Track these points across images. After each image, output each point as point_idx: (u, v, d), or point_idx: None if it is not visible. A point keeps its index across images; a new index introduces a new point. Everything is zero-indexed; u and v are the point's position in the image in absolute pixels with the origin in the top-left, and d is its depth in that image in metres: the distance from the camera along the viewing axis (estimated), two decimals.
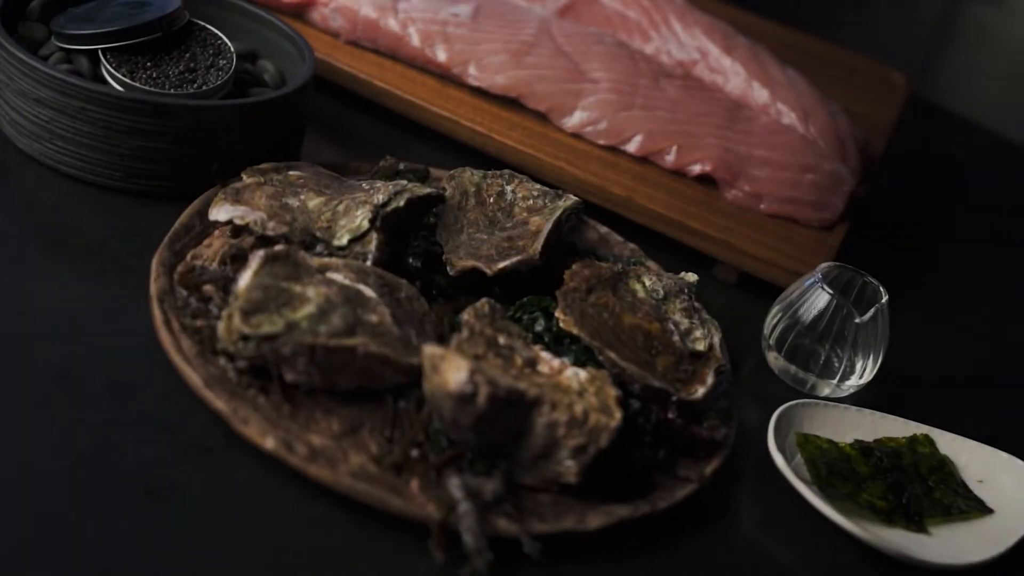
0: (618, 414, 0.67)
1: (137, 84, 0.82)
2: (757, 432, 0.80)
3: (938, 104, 1.46)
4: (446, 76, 1.04)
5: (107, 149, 0.80)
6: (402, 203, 0.79)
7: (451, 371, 0.64)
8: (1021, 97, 2.11)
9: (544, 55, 1.04)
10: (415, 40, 1.03)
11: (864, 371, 0.84)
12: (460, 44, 1.03)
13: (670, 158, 1.00)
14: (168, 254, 0.76)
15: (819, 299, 0.83)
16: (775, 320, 0.86)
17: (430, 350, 0.65)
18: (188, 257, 0.77)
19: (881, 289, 0.84)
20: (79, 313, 0.73)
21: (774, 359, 0.87)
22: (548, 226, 0.82)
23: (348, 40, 1.05)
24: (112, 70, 0.83)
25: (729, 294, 0.96)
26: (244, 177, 0.80)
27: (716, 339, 0.79)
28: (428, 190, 0.81)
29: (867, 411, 0.82)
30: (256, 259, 0.70)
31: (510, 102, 1.03)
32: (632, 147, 1.00)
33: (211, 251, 0.78)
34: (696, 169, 0.99)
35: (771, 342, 0.86)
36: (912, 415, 0.83)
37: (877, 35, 2.00)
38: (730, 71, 1.09)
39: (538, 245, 0.80)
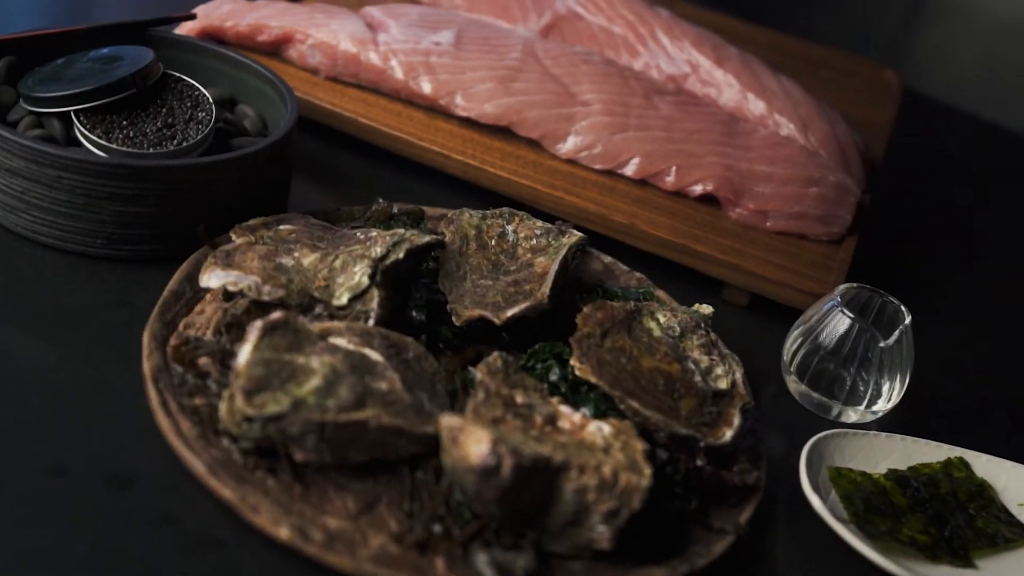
0: (648, 471, 0.63)
1: (114, 145, 0.77)
2: (786, 466, 0.76)
3: (916, 89, 1.42)
4: (433, 108, 0.99)
5: (87, 217, 0.75)
6: (401, 255, 0.74)
7: (472, 444, 0.59)
8: (1000, 77, 2.07)
9: (532, 79, 1.00)
10: (398, 72, 0.98)
11: (892, 395, 0.80)
12: (445, 74, 0.99)
13: (670, 179, 0.96)
14: (159, 326, 0.71)
15: (840, 323, 0.79)
16: (795, 345, 0.82)
17: (447, 421, 0.61)
18: (180, 326, 0.72)
19: (903, 309, 0.81)
20: (69, 397, 0.68)
21: (795, 385, 0.83)
22: (555, 267, 0.77)
23: (328, 76, 1.00)
24: (86, 132, 0.78)
25: (741, 317, 0.92)
26: (234, 237, 0.76)
27: (738, 375, 0.75)
28: (427, 238, 0.76)
29: (897, 437, 0.78)
30: (254, 331, 0.65)
31: (501, 131, 0.98)
32: (630, 170, 0.96)
33: (204, 318, 0.73)
34: (698, 189, 0.95)
35: (792, 369, 0.82)
36: (942, 437, 0.79)
37: (850, 21, 1.97)
38: (723, 83, 1.05)
39: (546, 289, 0.76)
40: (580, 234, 0.81)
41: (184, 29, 0.99)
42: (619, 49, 1.09)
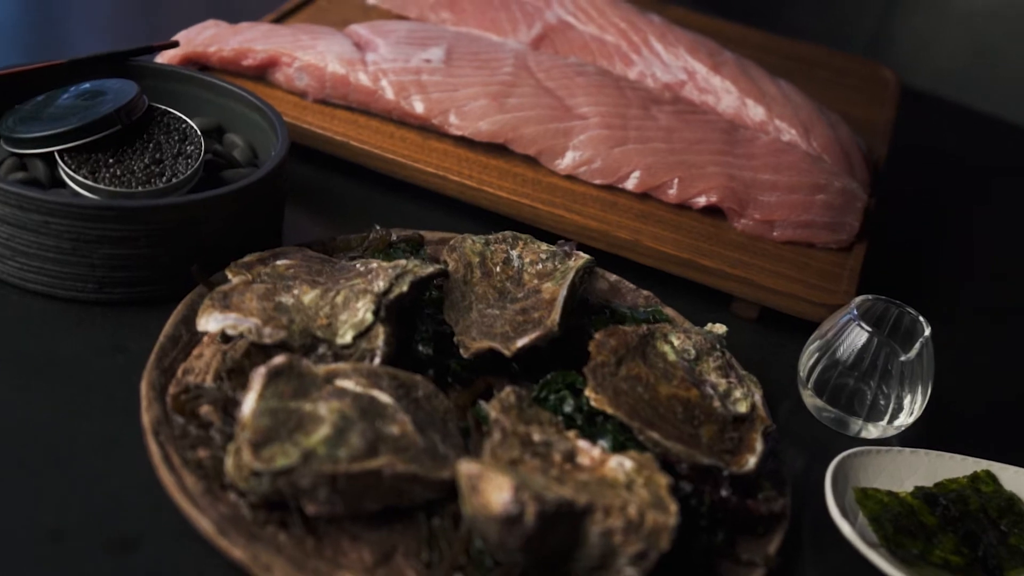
0: (674, 508, 0.60)
1: (101, 185, 0.74)
2: (809, 487, 0.74)
3: (901, 82, 1.40)
4: (425, 127, 0.96)
5: (76, 261, 0.72)
6: (405, 287, 0.71)
7: (493, 491, 0.56)
8: (983, 63, 2.05)
9: (526, 94, 0.97)
10: (389, 93, 0.95)
11: (914, 408, 0.78)
12: (437, 92, 0.96)
13: (672, 192, 0.93)
14: (157, 374, 0.68)
15: (858, 337, 0.77)
16: (811, 361, 0.79)
17: (466, 468, 0.58)
18: (179, 373, 0.69)
19: (921, 320, 0.78)
20: (65, 454, 0.65)
21: (813, 401, 0.80)
22: (563, 293, 0.75)
23: (316, 99, 0.97)
24: (71, 172, 0.74)
25: (751, 331, 0.89)
26: (230, 276, 0.72)
27: (757, 397, 0.72)
28: (430, 269, 0.73)
29: (921, 452, 0.76)
30: (258, 379, 0.62)
31: (497, 148, 0.95)
32: (631, 184, 0.93)
33: (203, 363, 0.70)
34: (701, 201, 0.92)
35: (810, 385, 0.80)
36: (967, 449, 0.77)
37: (829, 15, 1.94)
38: (721, 90, 1.02)
39: (555, 316, 0.73)
40: (586, 256, 0.78)
41: (165, 57, 0.96)
42: (612, 58, 1.06)
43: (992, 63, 1.98)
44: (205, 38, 0.97)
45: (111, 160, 0.76)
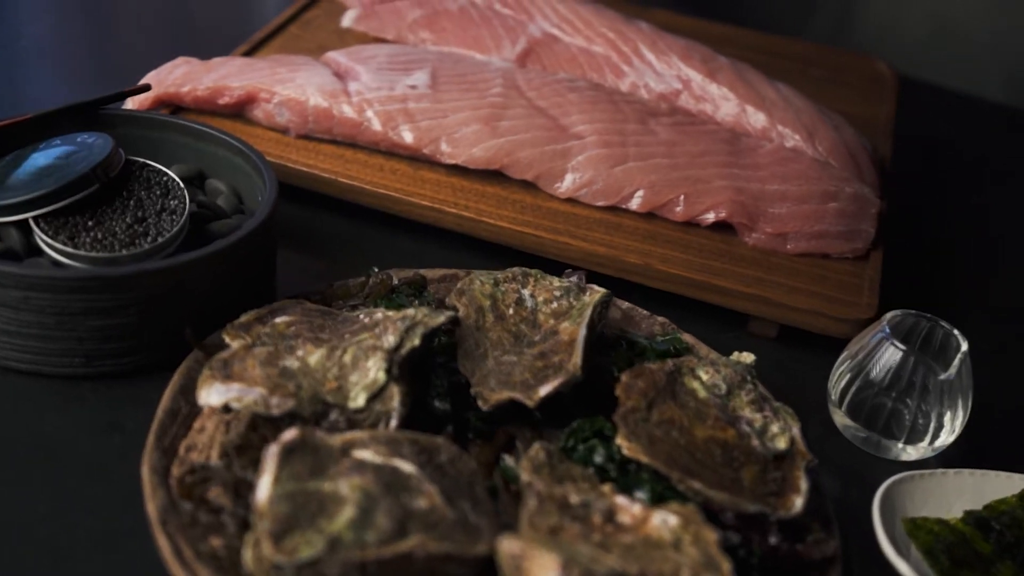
0: (727, 566, 0.56)
1: (81, 251, 0.69)
2: (852, 516, 0.70)
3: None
4: (416, 158, 0.91)
5: (62, 336, 0.67)
6: (417, 341, 0.67)
7: (539, 572, 0.52)
8: (950, 46, 2.01)
9: (519, 116, 0.92)
10: (375, 124, 0.90)
11: (955, 427, 0.74)
12: (425, 120, 0.91)
13: (679, 210, 0.88)
14: (158, 455, 0.63)
15: (892, 356, 0.73)
16: (843, 382, 0.75)
17: (507, 547, 0.53)
18: (181, 450, 0.64)
19: (956, 334, 0.74)
20: (66, 551, 0.59)
21: (846, 422, 0.76)
22: (582, 333, 0.70)
23: (299, 135, 0.92)
24: (49, 239, 0.69)
25: (770, 350, 0.85)
26: (227, 340, 0.67)
27: (796, 431, 0.68)
28: (441, 318, 0.68)
29: (965, 472, 0.72)
30: (271, 460, 0.57)
31: (492, 175, 0.91)
32: (635, 204, 0.89)
33: (206, 437, 0.65)
34: (710, 218, 0.88)
35: (844, 408, 0.76)
36: (1010, 465, 0.73)
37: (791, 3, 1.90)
38: (718, 97, 0.98)
39: (577, 359, 0.68)
40: (602, 290, 0.74)
41: (136, 102, 0.90)
42: (603, 70, 1.01)
43: (958, 41, 1.94)
44: (177, 77, 0.92)
45: (90, 222, 0.70)
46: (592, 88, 0.96)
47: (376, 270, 0.80)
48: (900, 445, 0.74)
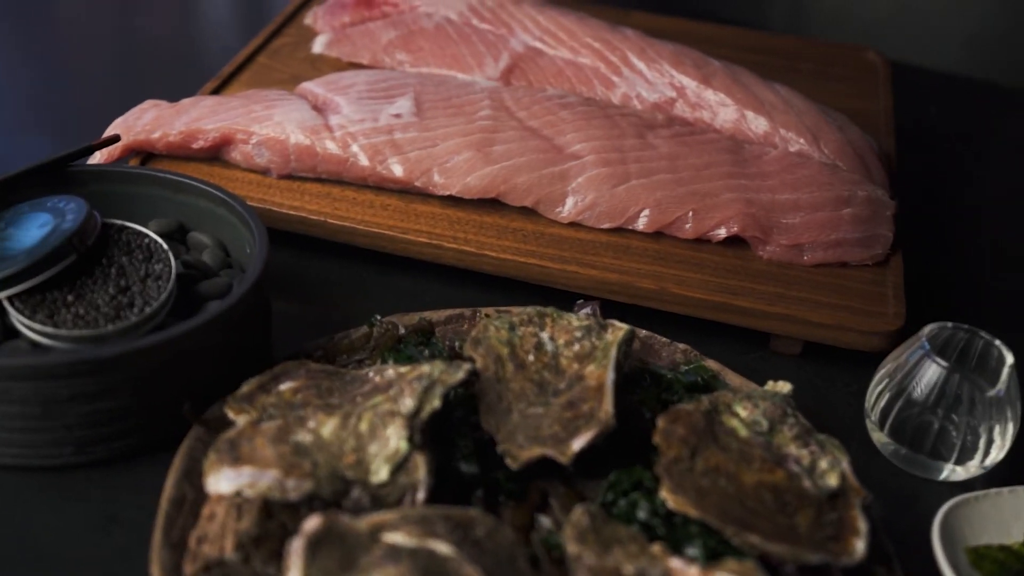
0: None
1: (63, 330, 0.62)
2: (907, 544, 0.65)
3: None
4: (407, 191, 0.86)
5: (49, 426, 0.61)
6: (437, 402, 0.61)
7: None
8: (915, 22, 1.97)
9: (511, 139, 0.86)
10: (362, 159, 0.84)
11: (1005, 444, 0.69)
12: (414, 150, 0.85)
13: (689, 227, 0.83)
14: (167, 553, 0.57)
15: (935, 373, 0.68)
16: (884, 403, 0.71)
17: None
18: (192, 542, 0.58)
19: (999, 345, 0.70)
20: None
21: (888, 444, 0.72)
22: (610, 377, 0.65)
23: (281, 175, 0.86)
24: (26, 320, 0.63)
25: (795, 368, 0.80)
26: (231, 415, 0.62)
27: (845, 465, 0.63)
28: (460, 374, 0.63)
29: (1020, 489, 0.68)
30: (296, 556, 0.51)
31: (489, 203, 0.85)
32: (642, 224, 0.84)
33: (216, 525, 0.59)
34: (721, 233, 0.83)
35: (886, 430, 0.71)
36: None
37: None
38: (715, 103, 0.93)
39: (608, 406, 0.63)
40: (624, 326, 0.69)
41: (104, 153, 0.84)
42: (592, 83, 0.96)
43: (920, 17, 1.90)
44: (146, 124, 0.86)
45: (70, 297, 0.64)
46: (584, 103, 0.91)
47: (379, 318, 0.74)
48: (950, 465, 0.70)
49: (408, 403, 0.61)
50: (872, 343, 0.77)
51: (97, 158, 0.83)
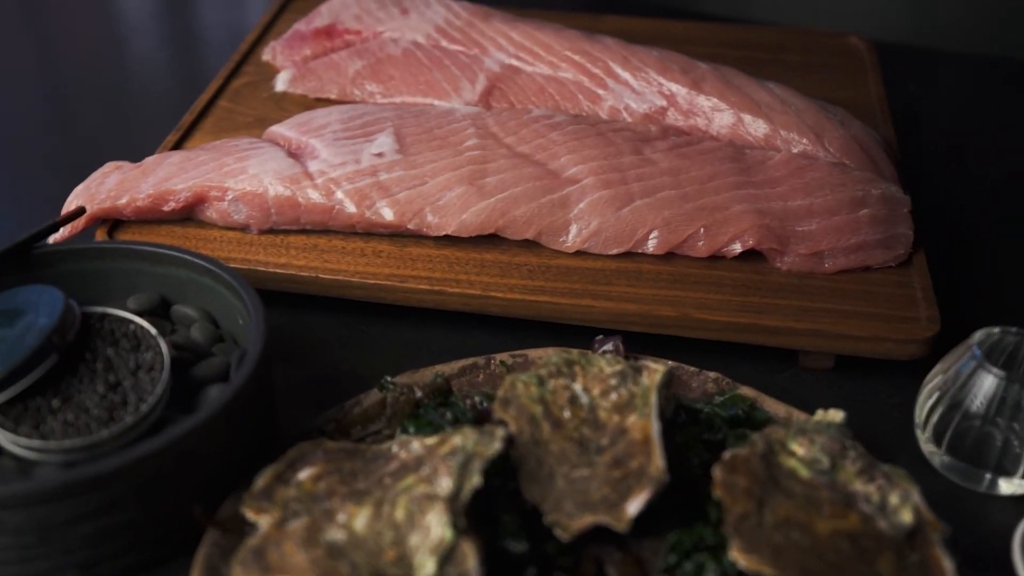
0: None
1: (52, 443, 0.55)
2: (981, 564, 0.61)
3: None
4: (399, 234, 0.79)
5: (47, 554, 0.54)
6: (477, 479, 0.55)
7: None
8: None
9: (503, 168, 0.80)
10: (349, 206, 0.78)
11: None
12: (403, 191, 0.79)
13: (701, 244, 0.78)
14: None
15: (991, 384, 0.64)
16: (937, 417, 0.66)
17: None
18: None
19: None
20: None
21: (944, 459, 0.67)
22: (655, 427, 0.59)
23: (262, 231, 0.79)
24: (10, 434, 0.56)
25: (831, 384, 0.75)
26: (250, 516, 0.55)
27: (916, 497, 0.58)
28: (496, 444, 0.57)
29: None
30: None
31: (487, 238, 0.79)
32: (651, 246, 0.78)
33: None
34: (736, 248, 0.78)
35: (944, 447, 0.66)
36: None
37: None
38: (709, 109, 0.88)
39: (658, 460, 0.57)
40: (660, 367, 0.63)
41: (69, 228, 0.76)
42: (576, 98, 0.90)
43: None
44: (110, 189, 0.78)
45: (56, 402, 0.57)
46: (573, 121, 0.85)
47: (390, 380, 0.68)
48: (1018, 479, 0.65)
49: (446, 484, 0.55)
50: (909, 351, 0.73)
51: (61, 233, 0.76)
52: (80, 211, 0.73)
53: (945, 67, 1.21)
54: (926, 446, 0.68)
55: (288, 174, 0.79)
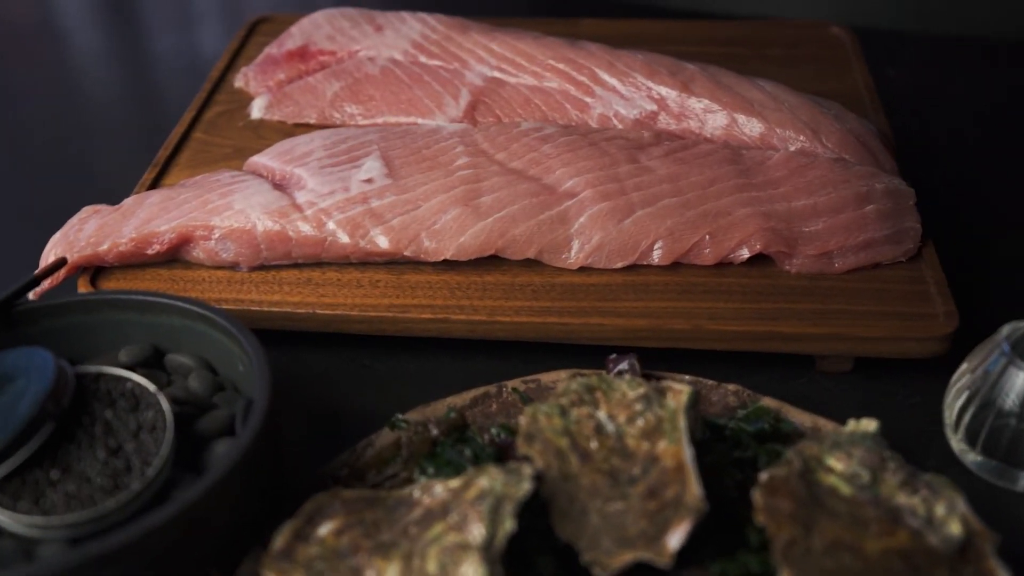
0: None
1: (55, 518, 0.51)
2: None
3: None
4: (396, 262, 0.76)
5: None
6: (510, 524, 0.52)
7: None
8: None
9: (497, 185, 0.77)
10: (342, 236, 0.74)
11: None
12: (396, 217, 0.75)
13: (708, 252, 0.75)
14: None
15: (1021, 380, 0.61)
16: (969, 417, 0.64)
17: None
18: None
19: None
20: None
21: (979, 460, 0.65)
22: (688, 452, 0.56)
23: (252, 267, 0.75)
24: (8, 512, 0.52)
25: (851, 387, 0.73)
26: None
27: (962, 505, 0.56)
28: (526, 484, 0.54)
29: None
30: None
31: (487, 260, 0.76)
32: (657, 257, 0.75)
33: None
34: (744, 254, 0.75)
35: (978, 447, 0.64)
36: None
37: None
38: (701, 110, 0.85)
39: (694, 488, 0.54)
40: (686, 388, 0.60)
41: (50, 279, 0.72)
42: (564, 108, 0.87)
43: None
44: (90, 235, 0.74)
45: (55, 473, 0.53)
46: (564, 132, 0.82)
47: (401, 418, 0.65)
48: None
49: (478, 531, 0.51)
50: (930, 349, 0.70)
51: (41, 285, 0.72)
52: (61, 262, 0.69)
53: (913, 48, 1.19)
54: (959, 446, 0.66)
55: (276, 207, 0.75)
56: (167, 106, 1.11)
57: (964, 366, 0.65)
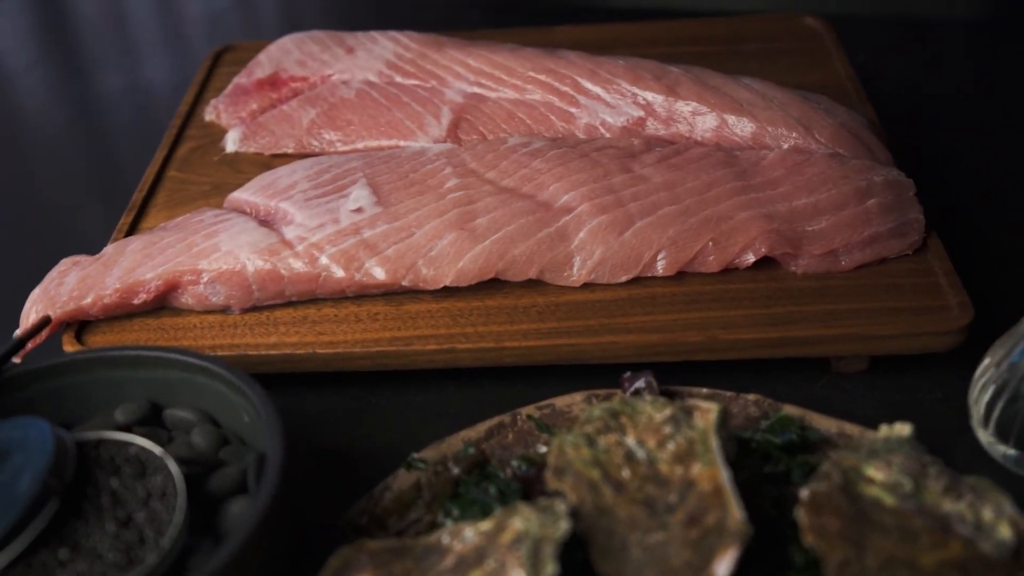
0: None
1: None
2: None
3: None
4: (394, 293, 0.73)
5: None
6: (552, 570, 0.49)
7: None
8: None
9: (491, 205, 0.74)
10: (337, 270, 0.71)
11: None
12: (391, 246, 0.72)
13: (712, 259, 0.73)
14: None
15: None
16: (999, 412, 0.62)
17: None
18: None
19: None
20: None
21: (1013, 455, 0.63)
22: (725, 475, 0.54)
23: (245, 309, 0.72)
24: None
25: (868, 387, 0.71)
26: None
27: (1010, 508, 0.54)
28: (563, 523, 0.51)
29: None
30: None
31: (488, 284, 0.73)
32: (661, 268, 0.73)
33: None
34: (749, 259, 0.73)
35: (1011, 441, 0.62)
36: None
37: None
38: (689, 114, 0.82)
39: (736, 512, 0.52)
40: (713, 406, 0.58)
41: (33, 343, 0.68)
42: (549, 120, 0.84)
43: None
44: (72, 288, 0.70)
45: (64, 552, 0.50)
46: (553, 146, 0.79)
47: (418, 458, 0.62)
48: None
49: None
50: (947, 342, 0.69)
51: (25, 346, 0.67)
52: (45, 321, 0.65)
53: (880, 32, 1.18)
54: (988, 440, 0.64)
55: (265, 245, 0.71)
56: (131, 143, 1.06)
57: (987, 360, 0.63)
